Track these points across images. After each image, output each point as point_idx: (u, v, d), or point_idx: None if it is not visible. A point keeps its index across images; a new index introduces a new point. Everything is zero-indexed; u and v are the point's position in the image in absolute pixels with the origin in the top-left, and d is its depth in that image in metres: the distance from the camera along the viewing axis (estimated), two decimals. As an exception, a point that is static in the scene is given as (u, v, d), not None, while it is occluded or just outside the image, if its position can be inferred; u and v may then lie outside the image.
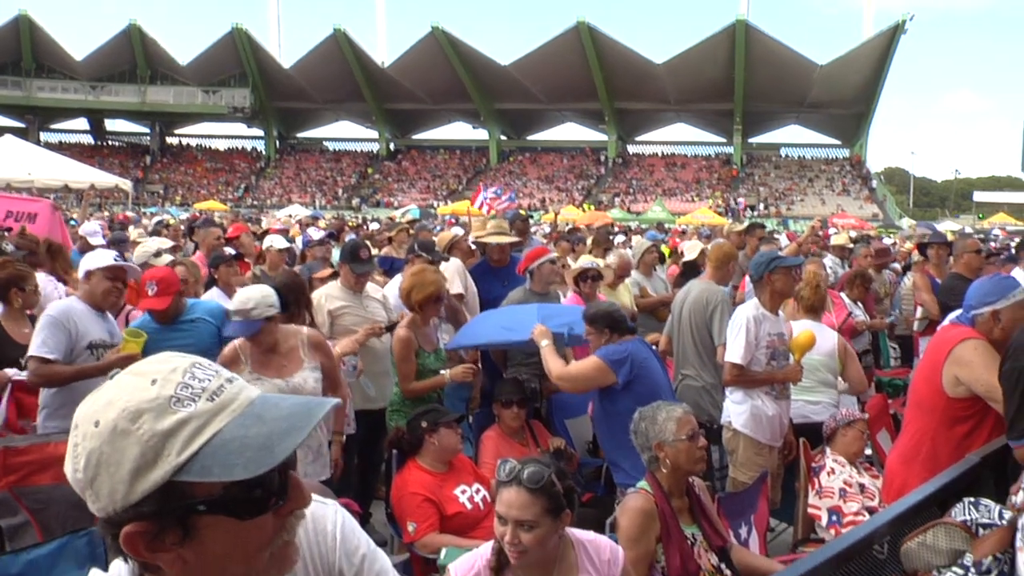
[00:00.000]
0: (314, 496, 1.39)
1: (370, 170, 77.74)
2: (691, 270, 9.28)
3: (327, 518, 1.57)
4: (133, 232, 13.51)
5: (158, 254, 8.11)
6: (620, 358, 5.05)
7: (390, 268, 9.35)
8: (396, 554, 4.94)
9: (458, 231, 10.10)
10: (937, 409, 4.20)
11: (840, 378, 6.65)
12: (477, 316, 7.23)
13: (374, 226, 21.80)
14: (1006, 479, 3.32)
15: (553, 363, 5.36)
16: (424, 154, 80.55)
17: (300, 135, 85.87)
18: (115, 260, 5.30)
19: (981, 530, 2.56)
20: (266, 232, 10.77)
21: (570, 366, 5.41)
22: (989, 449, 3.86)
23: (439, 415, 4.90)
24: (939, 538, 2.60)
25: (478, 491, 4.80)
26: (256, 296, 4.71)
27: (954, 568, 2.53)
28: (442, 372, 5.89)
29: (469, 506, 4.70)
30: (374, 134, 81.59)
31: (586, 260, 8.11)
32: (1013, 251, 12.35)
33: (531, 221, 16.49)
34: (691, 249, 10.32)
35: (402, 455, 4.95)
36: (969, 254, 8.15)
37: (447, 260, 7.84)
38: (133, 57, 73.88)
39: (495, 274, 7.98)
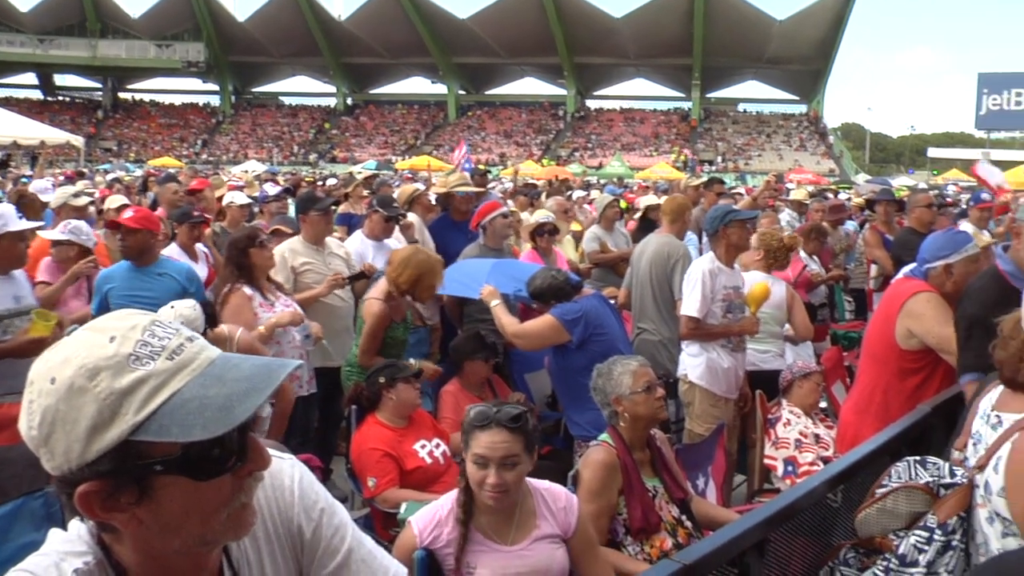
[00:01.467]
0: (272, 451, 1.38)
1: (327, 125, 76.87)
2: (648, 225, 9.30)
3: (284, 472, 1.55)
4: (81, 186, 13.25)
5: (77, 195, 7.99)
6: (575, 317, 5.10)
7: (349, 224, 9.29)
8: (357, 509, 4.96)
9: (419, 186, 10.01)
10: (890, 361, 4.28)
11: (787, 325, 6.72)
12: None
13: (331, 182, 21.55)
14: (955, 429, 3.39)
15: (506, 320, 5.42)
16: (382, 109, 79.79)
17: (256, 90, 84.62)
18: (19, 218, 4.88)
19: (943, 491, 2.57)
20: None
21: (525, 324, 5.42)
22: (939, 400, 3.95)
23: (397, 371, 4.87)
24: (899, 502, 2.61)
25: (438, 446, 4.80)
26: None
27: (917, 531, 2.53)
28: (411, 361, 5.81)
29: (429, 460, 4.70)
30: (331, 89, 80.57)
31: (541, 215, 8.13)
32: (964, 207, 12.50)
33: (489, 176, 16.39)
34: (648, 204, 10.35)
35: (361, 411, 4.94)
36: (921, 208, 8.23)
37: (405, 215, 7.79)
38: (82, 9, 72.03)
39: (458, 228, 7.89)
